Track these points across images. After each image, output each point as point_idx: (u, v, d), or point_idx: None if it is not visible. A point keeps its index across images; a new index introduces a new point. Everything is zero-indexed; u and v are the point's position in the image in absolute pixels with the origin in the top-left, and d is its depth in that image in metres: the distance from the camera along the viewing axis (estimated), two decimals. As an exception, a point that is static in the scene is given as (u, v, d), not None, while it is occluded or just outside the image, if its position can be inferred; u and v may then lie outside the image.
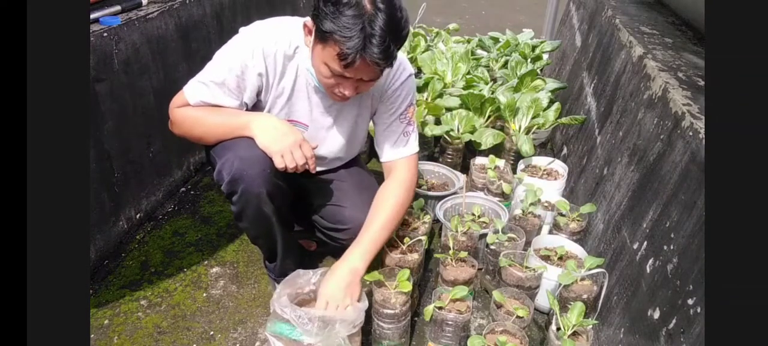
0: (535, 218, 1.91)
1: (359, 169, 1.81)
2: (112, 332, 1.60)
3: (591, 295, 1.56)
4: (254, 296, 1.78)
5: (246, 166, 1.40)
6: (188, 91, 1.46)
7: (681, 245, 1.27)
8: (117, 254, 1.91)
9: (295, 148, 1.41)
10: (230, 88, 1.44)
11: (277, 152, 1.40)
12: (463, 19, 5.59)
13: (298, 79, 1.51)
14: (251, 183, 1.41)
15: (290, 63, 1.48)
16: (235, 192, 1.43)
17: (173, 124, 1.52)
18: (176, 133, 1.54)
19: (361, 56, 1.26)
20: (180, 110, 1.48)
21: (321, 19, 1.27)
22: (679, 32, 2.31)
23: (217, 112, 1.46)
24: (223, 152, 1.43)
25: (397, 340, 1.50)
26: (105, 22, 1.84)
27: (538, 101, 2.45)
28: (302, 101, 1.54)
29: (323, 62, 1.33)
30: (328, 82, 1.38)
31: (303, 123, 1.57)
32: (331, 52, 1.28)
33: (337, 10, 1.24)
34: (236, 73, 1.43)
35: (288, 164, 1.40)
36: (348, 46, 1.24)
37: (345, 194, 1.66)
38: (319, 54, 1.34)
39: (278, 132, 1.42)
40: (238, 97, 1.46)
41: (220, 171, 1.43)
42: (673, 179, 1.41)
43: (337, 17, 1.24)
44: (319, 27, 1.29)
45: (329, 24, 1.25)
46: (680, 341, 1.15)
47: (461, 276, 1.61)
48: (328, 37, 1.27)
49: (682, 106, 1.49)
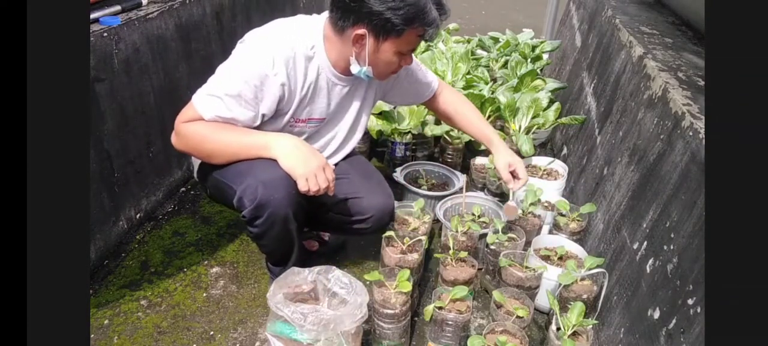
0: (535, 218, 1.91)
1: (357, 157, 1.84)
2: (112, 332, 1.60)
3: (591, 295, 1.56)
4: (254, 296, 1.78)
5: (272, 191, 1.39)
6: (200, 106, 1.41)
7: (681, 245, 1.27)
8: (117, 254, 1.91)
9: (319, 172, 1.41)
10: (247, 100, 1.40)
11: (301, 176, 1.39)
12: (463, 19, 5.59)
13: (319, 77, 1.52)
14: (278, 207, 1.41)
15: (311, 64, 1.49)
16: (259, 216, 1.42)
17: (180, 138, 1.47)
18: (179, 148, 1.50)
19: (437, 25, 1.43)
20: (190, 126, 1.43)
21: (385, 16, 1.37)
22: (679, 32, 2.31)
23: (233, 130, 1.42)
24: (241, 178, 1.42)
25: (397, 340, 1.50)
26: (105, 22, 1.84)
27: (538, 101, 2.45)
28: (323, 98, 1.56)
29: (396, 52, 1.45)
30: (394, 68, 1.52)
31: (319, 119, 1.59)
32: (411, 37, 1.42)
33: (402, 2, 1.36)
34: (254, 83, 1.39)
35: (312, 188, 1.40)
36: (429, 21, 1.40)
37: (357, 185, 1.67)
38: (390, 48, 1.44)
39: (302, 154, 1.41)
40: (255, 109, 1.43)
41: (241, 198, 1.41)
42: (673, 179, 1.41)
43: (407, 6, 1.37)
44: (388, 24, 1.38)
45: (403, 15, 1.37)
46: (680, 341, 1.15)
47: (461, 276, 1.61)
48: (406, 28, 1.39)
49: (682, 106, 1.49)
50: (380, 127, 2.40)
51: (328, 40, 1.49)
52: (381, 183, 1.73)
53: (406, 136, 2.42)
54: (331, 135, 1.67)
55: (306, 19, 1.54)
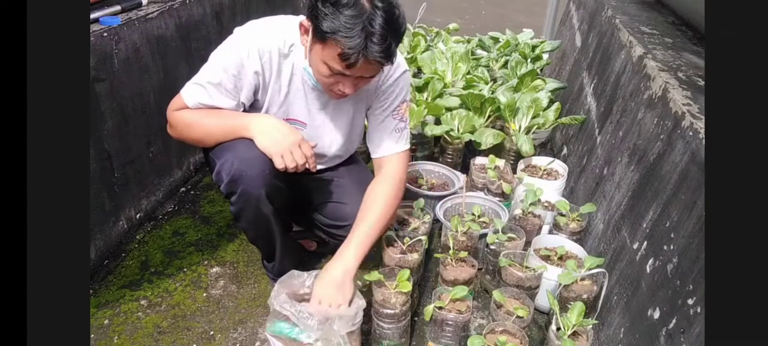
0: (535, 218, 1.91)
1: (357, 166, 1.81)
2: (112, 332, 1.60)
3: (591, 295, 1.56)
4: (254, 296, 1.78)
5: (245, 167, 1.40)
6: (185, 94, 1.46)
7: (681, 245, 1.27)
8: (117, 254, 1.91)
9: (295, 148, 1.41)
10: (227, 88, 1.43)
11: (276, 153, 1.40)
12: (463, 19, 5.59)
13: (294, 77, 1.50)
14: (250, 184, 1.41)
15: (285, 61, 1.48)
16: (234, 192, 1.43)
17: (171, 127, 1.51)
18: (174, 137, 1.53)
19: (362, 55, 1.25)
20: (177, 113, 1.48)
21: (319, 19, 1.26)
22: (679, 32, 2.31)
23: (215, 115, 1.45)
24: (223, 153, 1.43)
25: (397, 340, 1.50)
26: (105, 22, 1.84)
27: (538, 101, 2.45)
28: (299, 100, 1.54)
29: (323, 62, 1.32)
30: (328, 81, 1.37)
31: (301, 121, 1.57)
32: (332, 52, 1.28)
33: (336, 10, 1.24)
34: (232, 72, 1.42)
35: (288, 164, 1.40)
36: (350, 45, 1.24)
37: (345, 191, 1.66)
38: (318, 53, 1.32)
39: (278, 132, 1.42)
40: (235, 98, 1.46)
41: (219, 172, 1.43)
42: (673, 179, 1.41)
43: (336, 17, 1.24)
44: (318, 27, 1.27)
45: (329, 24, 1.24)
46: (680, 341, 1.15)
47: (461, 276, 1.61)
48: (328, 37, 1.26)
49: (682, 106, 1.49)
50: (380, 127, 2.40)
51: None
52: None
53: (406, 136, 2.42)
54: (319, 144, 1.61)
55: (292, 18, 1.52)
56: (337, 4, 1.24)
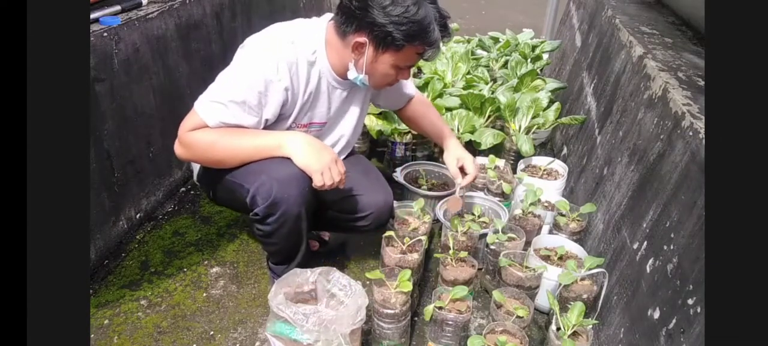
0: (535, 218, 1.91)
1: (356, 156, 1.88)
2: (112, 332, 1.60)
3: (591, 295, 1.56)
4: (254, 296, 1.78)
5: (285, 189, 1.40)
6: (204, 113, 1.40)
7: (681, 245, 1.27)
8: (117, 254, 1.91)
9: (333, 165, 1.44)
10: (251, 106, 1.40)
11: (317, 171, 1.41)
12: (463, 19, 5.59)
13: (321, 81, 1.53)
14: (292, 205, 1.43)
15: (313, 69, 1.50)
16: (272, 214, 1.43)
17: (186, 147, 1.45)
18: (184, 158, 1.49)
19: (438, 43, 1.43)
20: (196, 134, 1.41)
21: (386, 30, 1.37)
22: (679, 32, 2.31)
23: (242, 134, 1.42)
24: (252, 177, 1.42)
25: (397, 340, 1.50)
26: (105, 22, 1.84)
27: (538, 101, 2.45)
28: (323, 102, 1.57)
29: (394, 65, 1.45)
30: (391, 80, 1.52)
31: (320, 123, 1.61)
32: (410, 53, 1.43)
33: (405, 18, 1.35)
34: (259, 89, 1.40)
35: (326, 182, 1.42)
36: (431, 40, 1.41)
37: (357, 183, 1.68)
38: (387, 61, 1.44)
39: (314, 150, 1.43)
40: (258, 115, 1.43)
41: (254, 196, 1.42)
42: (673, 179, 1.41)
43: (410, 23, 1.36)
44: (391, 39, 1.38)
45: (405, 32, 1.37)
46: (680, 341, 1.15)
47: (461, 276, 1.61)
48: (404, 43, 1.39)
49: (682, 106, 1.49)
50: (380, 128, 2.40)
51: (330, 44, 1.50)
52: (379, 180, 1.76)
53: (406, 137, 2.42)
54: (331, 139, 1.69)
55: (307, 23, 1.54)
56: (406, 12, 1.35)
